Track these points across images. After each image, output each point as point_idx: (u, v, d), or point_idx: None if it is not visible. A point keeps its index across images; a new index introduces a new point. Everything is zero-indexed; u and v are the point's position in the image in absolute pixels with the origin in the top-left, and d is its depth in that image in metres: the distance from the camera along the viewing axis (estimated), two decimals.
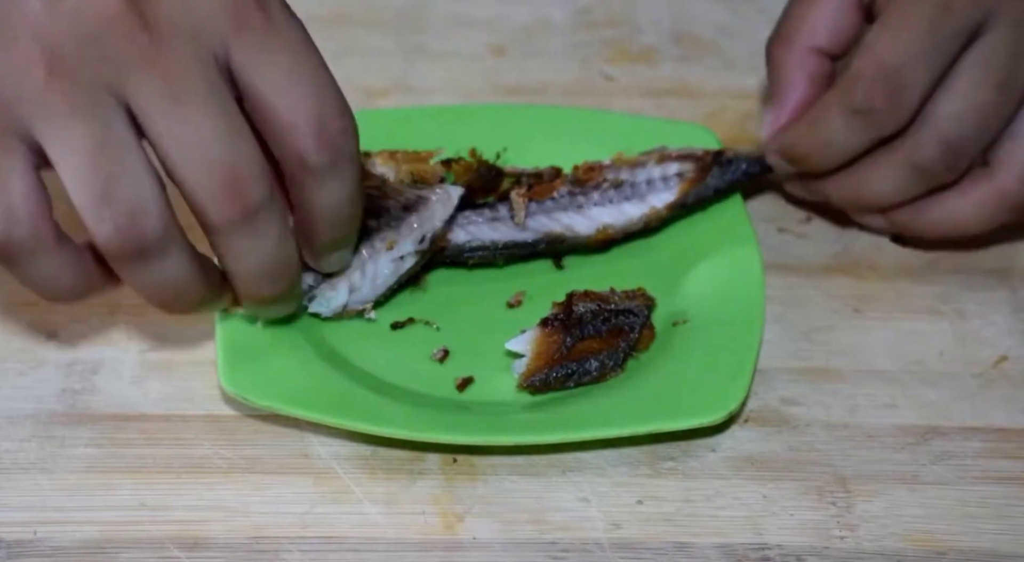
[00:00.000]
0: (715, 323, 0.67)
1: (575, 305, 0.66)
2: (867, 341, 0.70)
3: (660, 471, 0.64)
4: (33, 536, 0.61)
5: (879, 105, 0.67)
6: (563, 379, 0.65)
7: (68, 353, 0.68)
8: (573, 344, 0.65)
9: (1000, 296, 0.72)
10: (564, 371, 0.65)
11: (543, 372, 0.65)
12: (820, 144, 0.69)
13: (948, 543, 0.62)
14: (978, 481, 0.64)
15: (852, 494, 0.64)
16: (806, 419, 0.66)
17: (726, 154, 0.73)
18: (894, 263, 0.74)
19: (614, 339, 0.66)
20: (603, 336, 0.66)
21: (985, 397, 0.68)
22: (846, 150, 0.69)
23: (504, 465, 0.64)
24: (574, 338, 0.65)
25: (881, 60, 0.67)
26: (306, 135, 0.56)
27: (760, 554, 0.61)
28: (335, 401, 0.63)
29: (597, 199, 0.71)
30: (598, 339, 0.66)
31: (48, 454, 0.64)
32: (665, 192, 0.72)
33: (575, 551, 0.61)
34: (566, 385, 0.65)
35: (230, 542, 0.61)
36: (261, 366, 0.64)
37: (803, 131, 0.70)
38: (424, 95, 0.83)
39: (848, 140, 0.69)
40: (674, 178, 0.72)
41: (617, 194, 0.72)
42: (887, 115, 0.67)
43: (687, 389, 0.64)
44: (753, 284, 0.69)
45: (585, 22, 0.89)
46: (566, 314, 0.66)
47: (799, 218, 0.76)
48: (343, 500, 0.63)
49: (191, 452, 0.64)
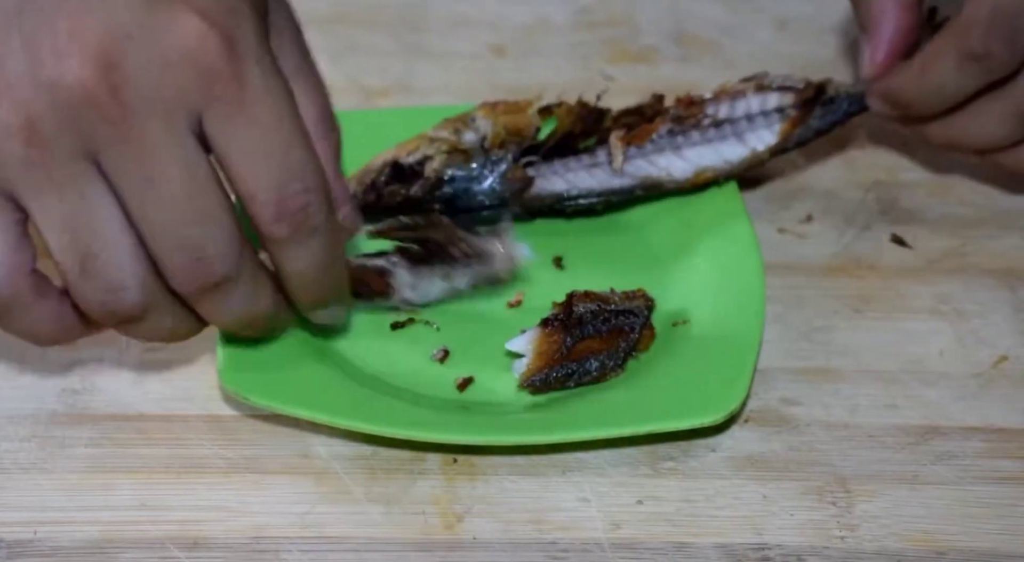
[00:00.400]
0: (715, 323, 0.67)
1: (575, 305, 0.66)
2: (867, 341, 0.70)
3: (660, 471, 0.64)
4: (33, 536, 0.61)
5: (995, 50, 0.67)
6: (563, 379, 0.65)
7: (68, 353, 0.68)
8: (573, 344, 0.65)
9: (1000, 296, 0.72)
10: (564, 371, 0.65)
11: (543, 372, 0.65)
12: (931, 89, 0.69)
13: (948, 543, 0.62)
14: (978, 481, 0.64)
15: (852, 494, 0.64)
16: (806, 419, 0.66)
17: (828, 91, 0.72)
18: (894, 263, 0.74)
19: (614, 339, 0.66)
20: (603, 336, 0.66)
21: (985, 397, 0.68)
22: (957, 95, 0.69)
23: (504, 465, 0.64)
24: (574, 338, 0.65)
25: (996, 4, 0.66)
26: (265, 205, 0.56)
27: (760, 554, 0.61)
28: (335, 401, 0.63)
29: (697, 138, 0.72)
30: (598, 339, 0.66)
31: (48, 454, 0.64)
32: (766, 131, 0.72)
33: (575, 551, 0.61)
34: (566, 385, 0.65)
35: (230, 542, 0.61)
36: (261, 366, 0.64)
37: (912, 77, 0.70)
38: (424, 95, 0.83)
39: (960, 85, 0.69)
40: (774, 114, 0.72)
41: (717, 132, 0.72)
42: (1003, 60, 0.67)
43: (687, 389, 0.64)
44: (753, 284, 0.69)
45: (585, 22, 0.89)
46: (566, 314, 0.66)
47: (799, 218, 0.76)
48: (343, 500, 0.63)
49: (191, 452, 0.64)
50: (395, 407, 0.64)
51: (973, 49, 0.67)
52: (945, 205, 0.77)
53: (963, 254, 0.74)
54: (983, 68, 0.68)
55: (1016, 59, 0.68)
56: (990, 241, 0.75)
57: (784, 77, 0.73)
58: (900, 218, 0.77)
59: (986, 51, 0.67)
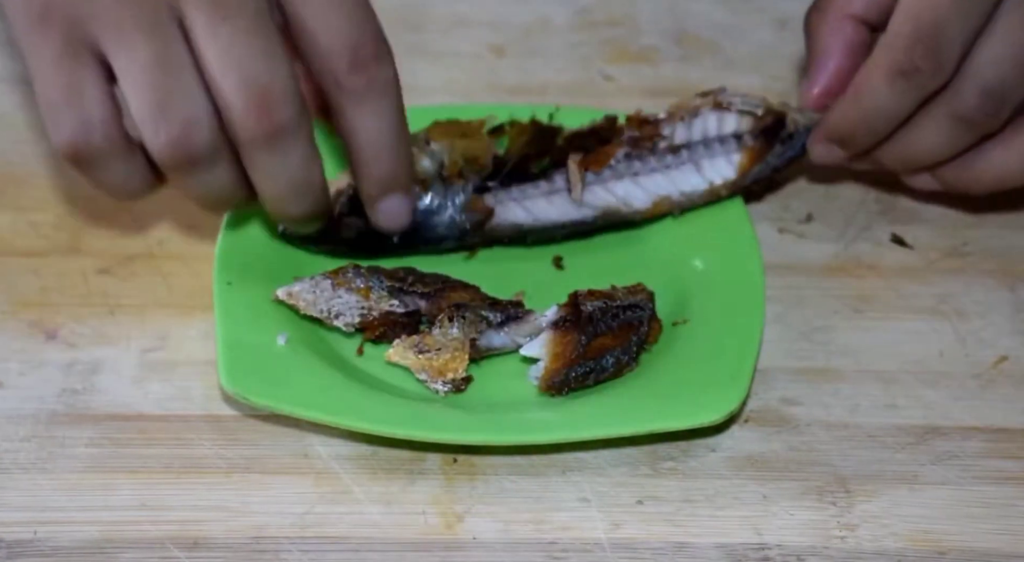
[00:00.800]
0: (715, 323, 0.67)
1: (582, 304, 0.66)
2: (867, 341, 0.70)
3: (660, 471, 0.64)
4: (33, 536, 0.61)
5: (921, 64, 0.66)
6: (582, 378, 0.65)
7: (68, 353, 0.68)
8: (588, 342, 0.65)
9: (1000, 296, 0.72)
10: (583, 370, 0.65)
11: (562, 373, 0.65)
12: (869, 114, 0.68)
13: (948, 543, 0.62)
14: (978, 481, 0.64)
15: (852, 494, 0.64)
16: (806, 419, 0.66)
17: (787, 126, 0.72)
18: (894, 263, 0.74)
19: (625, 334, 0.66)
20: (615, 332, 0.66)
21: (985, 397, 0.68)
22: (895, 115, 0.68)
23: (504, 465, 0.64)
24: (588, 336, 0.65)
25: (918, 18, 0.66)
26: (341, 58, 0.61)
27: (760, 554, 0.61)
28: (335, 401, 0.63)
29: (654, 164, 0.71)
30: (611, 335, 0.65)
31: (48, 454, 0.64)
32: (724, 160, 0.71)
33: (575, 551, 0.61)
34: (585, 383, 0.65)
35: (230, 542, 0.61)
36: (261, 366, 0.64)
37: (848, 106, 0.69)
38: (424, 95, 0.83)
39: (896, 104, 0.68)
40: (732, 141, 0.72)
41: (675, 159, 0.71)
42: (930, 73, 0.66)
43: (687, 389, 0.64)
44: (753, 284, 0.69)
45: (585, 22, 0.89)
46: (575, 314, 0.66)
47: (799, 218, 0.76)
48: (343, 500, 0.63)
49: (191, 452, 0.64)
50: (395, 407, 0.64)
51: (901, 65, 0.67)
52: (945, 205, 0.77)
53: (963, 254, 0.74)
54: (914, 84, 0.67)
55: (945, 70, 0.66)
56: (990, 241, 0.75)
57: (743, 98, 0.73)
58: (900, 218, 0.77)
59: (913, 66, 0.66)
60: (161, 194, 0.75)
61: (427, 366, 0.65)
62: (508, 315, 0.66)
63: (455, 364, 0.65)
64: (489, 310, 0.66)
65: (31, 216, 0.74)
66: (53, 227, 0.74)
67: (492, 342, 0.66)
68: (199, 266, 0.72)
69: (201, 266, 0.71)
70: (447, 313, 0.65)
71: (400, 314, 0.66)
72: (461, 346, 0.65)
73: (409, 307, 0.66)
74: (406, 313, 0.66)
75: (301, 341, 0.66)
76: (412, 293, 0.67)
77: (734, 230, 0.72)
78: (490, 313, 0.66)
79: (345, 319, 0.66)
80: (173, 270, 0.72)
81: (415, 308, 0.66)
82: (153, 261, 0.72)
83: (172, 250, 0.73)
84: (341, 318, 0.66)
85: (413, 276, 0.68)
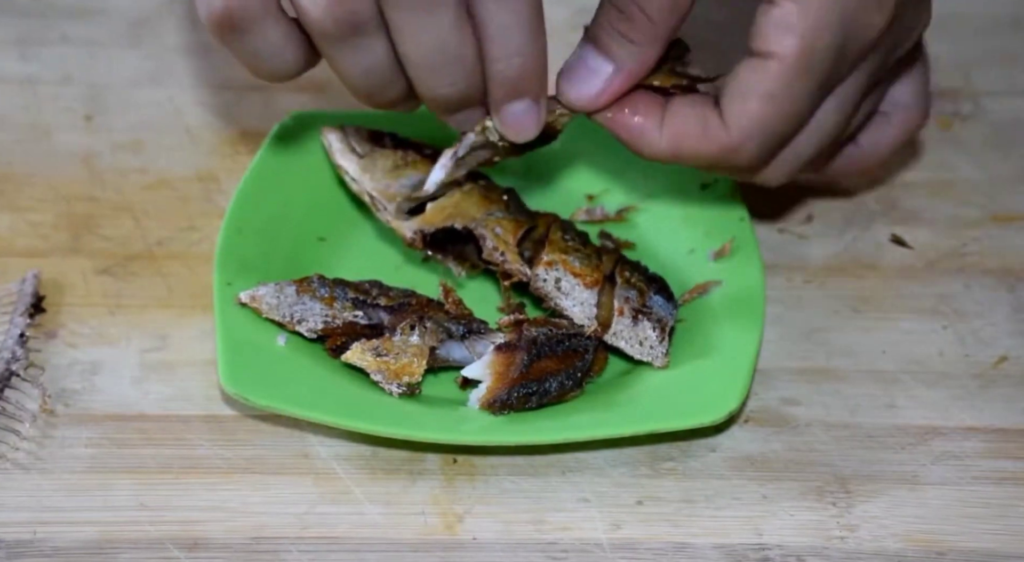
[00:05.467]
0: (715, 323, 0.67)
1: (526, 330, 0.65)
2: (867, 341, 0.70)
3: (660, 471, 0.64)
4: (33, 536, 0.61)
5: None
6: (524, 399, 0.64)
7: (68, 353, 0.68)
8: (531, 362, 0.64)
9: (1000, 296, 0.72)
10: (525, 390, 0.64)
11: (504, 392, 0.64)
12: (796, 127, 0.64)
13: (948, 543, 0.62)
14: (978, 481, 0.64)
15: (852, 494, 0.64)
16: (806, 419, 0.67)
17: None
18: (894, 263, 0.74)
19: (570, 360, 0.65)
20: (559, 356, 0.65)
21: (985, 397, 0.68)
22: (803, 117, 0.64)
23: (504, 465, 0.64)
24: (531, 356, 0.64)
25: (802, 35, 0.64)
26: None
27: (760, 554, 0.61)
28: (335, 401, 0.63)
29: None
30: (554, 359, 0.65)
31: (48, 454, 0.64)
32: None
33: (575, 551, 0.61)
34: (527, 405, 0.64)
35: (230, 542, 0.61)
36: (261, 366, 0.64)
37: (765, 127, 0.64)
38: None
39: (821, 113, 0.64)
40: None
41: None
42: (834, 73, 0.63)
43: (687, 389, 0.64)
44: (753, 284, 0.69)
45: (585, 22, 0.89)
46: (518, 336, 0.65)
47: (799, 218, 0.76)
48: (343, 500, 0.63)
49: (191, 452, 0.64)
50: (395, 407, 0.64)
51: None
52: (945, 205, 0.77)
53: (963, 254, 0.74)
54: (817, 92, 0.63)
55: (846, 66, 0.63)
56: (990, 241, 0.75)
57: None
58: (900, 218, 0.77)
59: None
60: (160, 194, 0.75)
61: (383, 367, 0.64)
62: (470, 328, 0.66)
63: (412, 369, 0.64)
64: (452, 322, 0.66)
65: (31, 216, 0.74)
66: (53, 227, 0.74)
67: (452, 353, 0.66)
68: (199, 266, 0.72)
69: (201, 266, 0.71)
70: (409, 321, 0.65)
71: (363, 326, 0.66)
72: (420, 352, 0.65)
73: (372, 319, 0.66)
74: (369, 325, 0.66)
75: (301, 341, 0.66)
76: (375, 306, 0.66)
77: (734, 231, 0.72)
78: (452, 325, 0.66)
79: (308, 325, 0.66)
80: (173, 270, 0.72)
81: (378, 321, 0.66)
82: (153, 261, 0.72)
83: (172, 250, 0.73)
84: (304, 324, 0.66)
85: (378, 289, 0.67)
